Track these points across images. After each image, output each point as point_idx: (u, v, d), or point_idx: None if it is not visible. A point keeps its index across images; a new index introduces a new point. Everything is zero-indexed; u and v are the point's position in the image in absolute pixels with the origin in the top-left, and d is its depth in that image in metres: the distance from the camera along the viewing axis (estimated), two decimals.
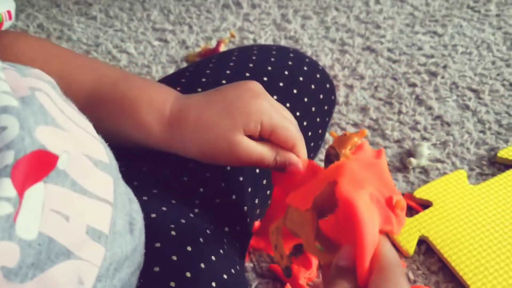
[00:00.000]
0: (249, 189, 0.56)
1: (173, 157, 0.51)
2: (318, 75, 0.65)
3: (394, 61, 0.97)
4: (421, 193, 0.72)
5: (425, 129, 0.83)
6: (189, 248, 0.46)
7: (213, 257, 0.47)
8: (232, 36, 1.05)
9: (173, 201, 0.51)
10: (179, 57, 1.01)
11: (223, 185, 0.54)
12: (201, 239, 0.48)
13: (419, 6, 1.13)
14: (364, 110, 0.87)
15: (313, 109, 0.63)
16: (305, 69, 0.64)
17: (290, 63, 0.63)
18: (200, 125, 0.47)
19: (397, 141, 0.82)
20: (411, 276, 0.64)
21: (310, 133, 0.63)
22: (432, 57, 0.98)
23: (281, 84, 0.60)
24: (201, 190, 0.53)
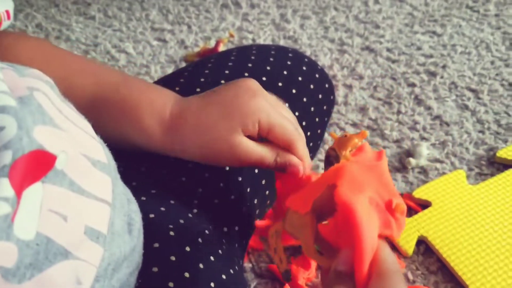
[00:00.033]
0: (248, 190, 0.56)
1: (172, 157, 0.51)
2: (317, 75, 0.65)
3: (393, 61, 0.97)
4: (420, 193, 0.72)
5: (424, 129, 0.83)
6: (187, 248, 0.46)
7: (212, 258, 0.47)
8: (231, 36, 1.05)
9: (172, 202, 0.51)
10: (178, 57, 1.01)
11: (222, 185, 0.54)
12: (200, 240, 0.48)
13: (418, 6, 1.13)
14: (363, 110, 0.87)
15: (312, 109, 0.63)
16: (304, 69, 0.64)
17: (289, 63, 0.63)
18: (199, 127, 0.47)
19: (396, 141, 0.82)
20: (410, 276, 0.64)
21: (309, 133, 0.63)
22: (431, 57, 0.98)
23: (280, 84, 0.60)
24: (200, 190, 0.53)
